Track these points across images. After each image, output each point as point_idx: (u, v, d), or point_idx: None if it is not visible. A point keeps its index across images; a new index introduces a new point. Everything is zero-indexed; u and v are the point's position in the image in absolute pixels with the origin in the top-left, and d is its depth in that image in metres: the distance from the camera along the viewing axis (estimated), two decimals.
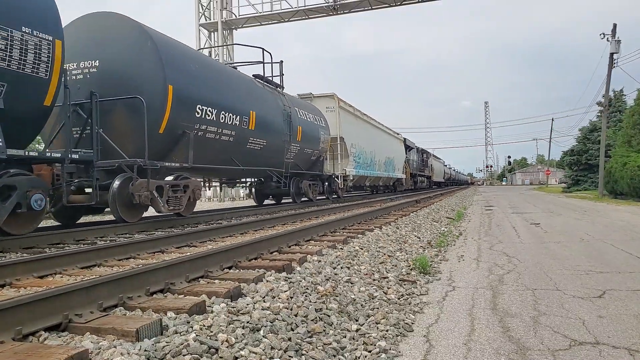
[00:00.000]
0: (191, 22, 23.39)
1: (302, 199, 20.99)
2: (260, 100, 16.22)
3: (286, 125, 17.39)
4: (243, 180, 21.50)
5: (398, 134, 41.66)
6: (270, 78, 18.35)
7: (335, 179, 22.75)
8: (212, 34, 23.34)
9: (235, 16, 24.03)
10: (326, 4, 23.21)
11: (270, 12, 23.95)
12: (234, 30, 24.07)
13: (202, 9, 23.52)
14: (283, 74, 17.23)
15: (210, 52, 24.55)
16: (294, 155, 18.55)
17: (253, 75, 16.98)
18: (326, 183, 22.75)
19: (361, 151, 27.22)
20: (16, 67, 8.26)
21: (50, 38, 8.94)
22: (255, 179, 20.91)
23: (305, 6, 23.41)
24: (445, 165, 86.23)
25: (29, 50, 8.48)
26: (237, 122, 14.04)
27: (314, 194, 20.64)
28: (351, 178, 24.10)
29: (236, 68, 17.66)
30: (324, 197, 23.96)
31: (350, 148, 24.18)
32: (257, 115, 15.22)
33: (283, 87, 18.20)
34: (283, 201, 23.16)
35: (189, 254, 6.45)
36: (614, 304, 4.71)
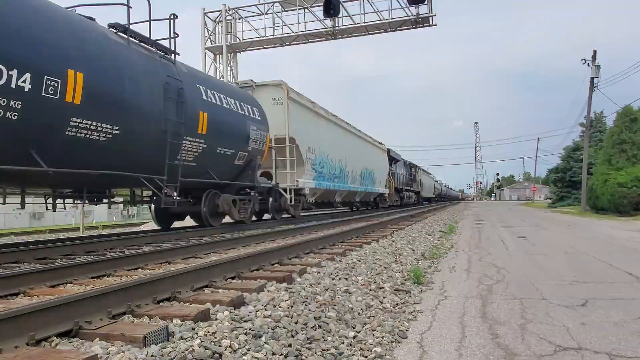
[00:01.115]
0: (197, 46, 23.53)
1: (226, 221, 14.56)
2: (101, 58, 8.68)
3: (171, 108, 9.97)
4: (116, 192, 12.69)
5: (381, 143, 33.75)
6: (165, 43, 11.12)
7: (284, 192, 16.17)
8: (217, 56, 23.48)
9: (239, 40, 24.19)
10: (325, 29, 23.40)
11: (272, 37, 24.16)
12: (237, 53, 24.21)
13: (208, 33, 23.69)
14: (177, 35, 10.48)
15: (215, 74, 24.20)
16: (195, 157, 11.21)
17: (109, 25, 9.77)
18: (271, 199, 16.14)
19: (324, 158, 19.82)
20: None
21: None
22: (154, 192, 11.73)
23: (305, 31, 23.64)
24: (436, 181, 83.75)
25: None
26: (29, 86, 7.02)
27: (243, 214, 13.93)
28: (307, 192, 17.43)
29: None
30: (269, 217, 17.29)
31: (307, 153, 17.44)
32: (87, 79, 7.98)
33: (176, 54, 10.93)
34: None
35: (194, 264, 6.43)
36: (596, 312, 4.70)
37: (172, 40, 10.81)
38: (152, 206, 13.90)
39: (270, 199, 16.19)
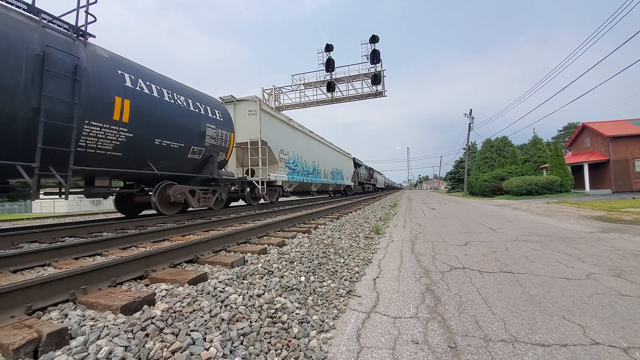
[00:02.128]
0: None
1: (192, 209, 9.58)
2: None
3: (56, 84, 4.93)
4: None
5: (349, 153, 28.10)
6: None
7: (256, 184, 11.85)
8: None
9: (282, 104, 24.47)
10: (328, 99, 23.63)
11: (299, 102, 24.41)
12: (280, 111, 24.47)
13: (265, 100, 23.93)
14: (93, 18, 5.73)
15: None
16: (118, 146, 6.12)
17: None
18: (248, 189, 11.67)
19: (297, 159, 15.34)
20: None
21: None
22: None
23: (317, 99, 23.84)
24: (386, 178, 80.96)
25: None
26: None
27: (204, 203, 8.81)
28: (279, 183, 13.07)
29: None
30: (246, 203, 12.18)
31: (280, 154, 13.33)
32: None
33: (88, 35, 5.72)
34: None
35: (259, 223, 6.35)
36: (472, 248, 4.64)
37: (81, 25, 5.76)
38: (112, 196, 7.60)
39: (247, 189, 11.68)
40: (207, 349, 1.69)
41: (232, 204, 12.10)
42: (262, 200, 12.95)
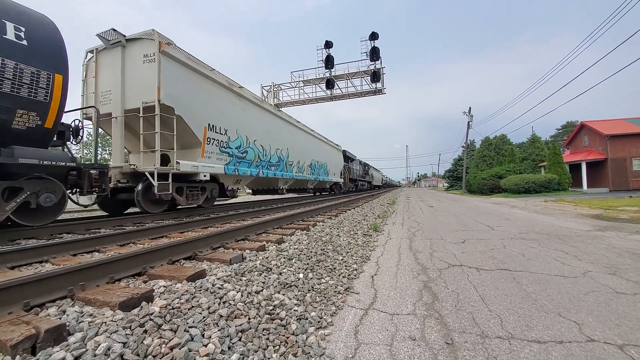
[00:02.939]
0: None
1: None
2: None
3: None
4: None
5: (338, 145, 23.43)
6: None
7: (151, 178, 6.43)
8: None
9: (281, 101, 24.40)
10: (327, 96, 23.58)
11: (298, 99, 24.31)
12: (279, 108, 24.46)
13: (264, 97, 23.81)
14: None
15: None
16: None
17: None
18: (140, 186, 6.66)
19: (248, 144, 10.09)
20: None
21: None
22: None
23: (316, 97, 23.80)
24: (383, 175, 77.53)
25: None
26: None
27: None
28: (205, 177, 7.71)
29: None
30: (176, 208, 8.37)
31: (208, 132, 7.81)
32: None
33: None
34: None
35: (259, 220, 6.34)
36: (470, 246, 4.66)
37: None
38: None
39: (140, 186, 6.79)
40: (206, 345, 1.70)
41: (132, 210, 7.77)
42: (184, 205, 7.87)
